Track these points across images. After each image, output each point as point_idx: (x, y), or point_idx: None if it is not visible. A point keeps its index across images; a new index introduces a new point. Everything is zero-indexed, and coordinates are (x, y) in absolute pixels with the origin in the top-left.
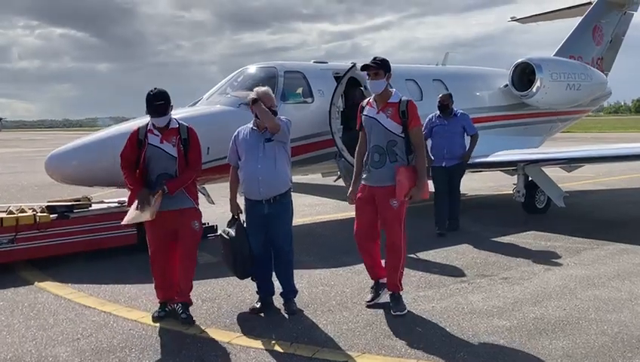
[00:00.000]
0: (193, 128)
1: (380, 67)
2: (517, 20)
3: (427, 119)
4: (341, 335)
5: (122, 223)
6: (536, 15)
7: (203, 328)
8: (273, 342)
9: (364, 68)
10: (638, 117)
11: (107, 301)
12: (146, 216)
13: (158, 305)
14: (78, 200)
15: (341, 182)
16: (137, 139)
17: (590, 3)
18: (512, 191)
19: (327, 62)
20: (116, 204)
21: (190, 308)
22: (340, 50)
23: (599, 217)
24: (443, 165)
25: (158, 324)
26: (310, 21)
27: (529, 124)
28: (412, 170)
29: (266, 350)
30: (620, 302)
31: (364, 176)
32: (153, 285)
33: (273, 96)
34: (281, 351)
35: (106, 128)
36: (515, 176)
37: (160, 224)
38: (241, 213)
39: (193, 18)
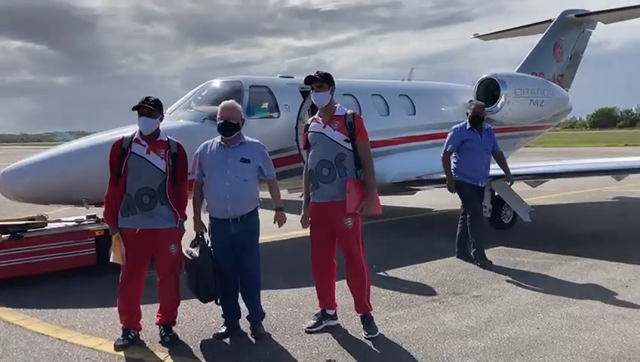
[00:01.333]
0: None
1: (324, 80)
2: (480, 37)
3: (454, 130)
4: (312, 360)
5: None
6: (498, 32)
7: (166, 355)
8: None
9: (308, 80)
10: (593, 132)
11: (62, 327)
12: (118, 260)
13: (119, 331)
14: (33, 219)
15: None
16: (121, 149)
17: (551, 21)
18: None
19: (293, 77)
20: (74, 223)
21: (152, 334)
22: (303, 66)
23: (565, 232)
24: (479, 185)
25: (119, 353)
26: (274, 36)
27: None
28: (361, 183)
29: None
30: (592, 319)
31: (314, 193)
32: (115, 309)
33: (240, 108)
34: None
35: (64, 143)
36: None
37: (135, 244)
38: (206, 231)
39: (155, 32)
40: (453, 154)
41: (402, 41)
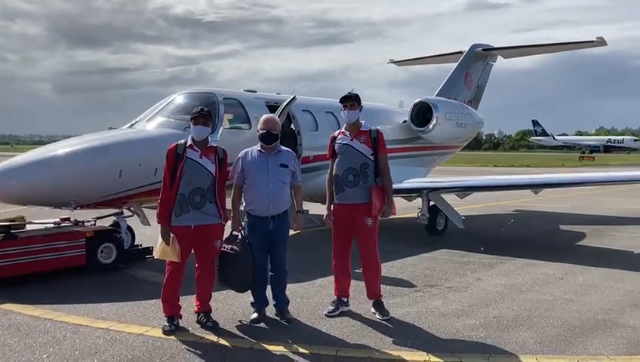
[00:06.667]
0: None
1: (355, 100)
2: (395, 62)
3: None
4: (348, 337)
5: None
6: (412, 59)
7: (216, 337)
8: (294, 345)
9: (343, 100)
10: (464, 153)
11: (94, 319)
12: (173, 258)
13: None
14: (14, 221)
15: None
16: (176, 154)
17: (461, 52)
18: (416, 215)
19: (255, 91)
20: (52, 225)
21: (188, 321)
22: (185, 75)
23: (492, 238)
24: None
25: (171, 337)
26: (153, 43)
27: (420, 156)
28: (382, 189)
29: (291, 352)
30: (549, 302)
31: (339, 196)
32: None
33: (279, 121)
34: (306, 351)
35: (50, 145)
36: (412, 201)
37: (186, 240)
38: (243, 229)
39: (22, 30)
40: None
41: (284, 58)
